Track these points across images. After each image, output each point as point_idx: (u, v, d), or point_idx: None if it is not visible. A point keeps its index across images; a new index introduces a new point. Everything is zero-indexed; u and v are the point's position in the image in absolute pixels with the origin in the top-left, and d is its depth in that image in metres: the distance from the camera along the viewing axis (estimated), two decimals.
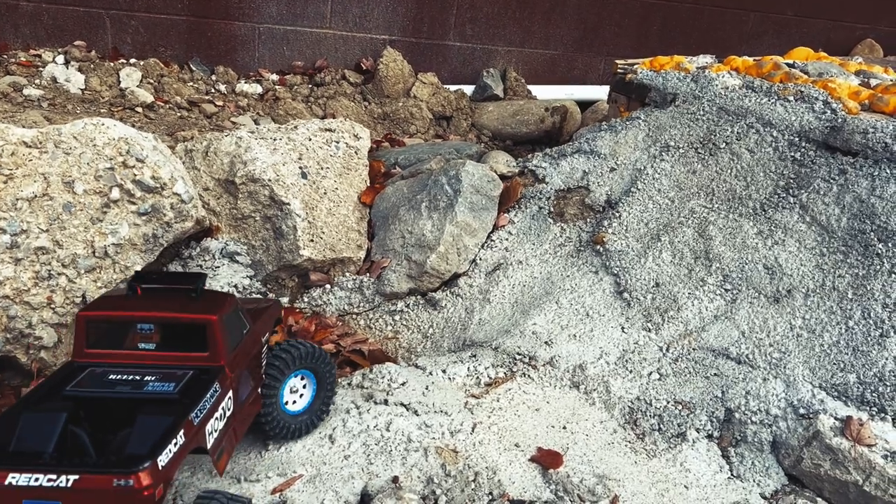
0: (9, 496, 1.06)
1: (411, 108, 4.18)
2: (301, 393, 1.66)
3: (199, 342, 1.35)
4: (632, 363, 2.08)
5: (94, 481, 1.06)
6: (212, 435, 1.28)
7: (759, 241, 2.27)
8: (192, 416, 1.21)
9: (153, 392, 1.27)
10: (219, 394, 1.32)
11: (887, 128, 2.30)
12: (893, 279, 2.04)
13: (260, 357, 1.54)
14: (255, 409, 1.53)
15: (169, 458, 1.13)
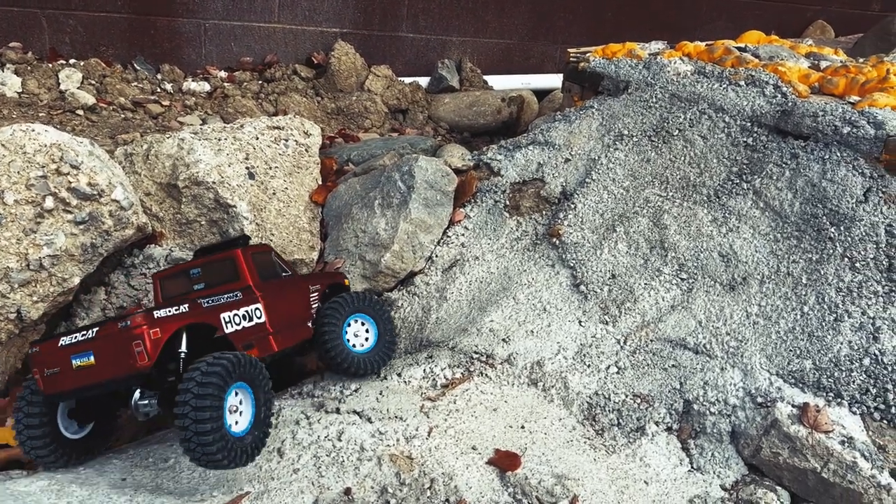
0: (61, 355, 1.47)
1: (365, 102, 4.10)
2: (366, 336, 1.94)
3: (233, 274, 1.72)
4: (590, 357, 2.05)
5: (107, 328, 1.43)
6: (229, 324, 1.61)
7: (713, 229, 2.25)
8: (200, 300, 1.57)
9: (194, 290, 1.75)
10: (239, 299, 1.66)
11: (837, 111, 2.30)
12: (846, 263, 2.04)
13: (308, 298, 1.91)
14: (301, 335, 1.85)
15: (166, 314, 1.46)
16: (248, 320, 1.66)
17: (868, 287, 1.99)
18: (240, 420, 1.45)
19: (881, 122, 2.19)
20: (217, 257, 1.76)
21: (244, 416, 1.47)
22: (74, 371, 1.44)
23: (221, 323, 1.57)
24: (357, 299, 1.93)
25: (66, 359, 1.46)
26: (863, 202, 2.11)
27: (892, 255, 2.02)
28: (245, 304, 1.67)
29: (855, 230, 2.07)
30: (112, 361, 1.41)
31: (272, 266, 1.84)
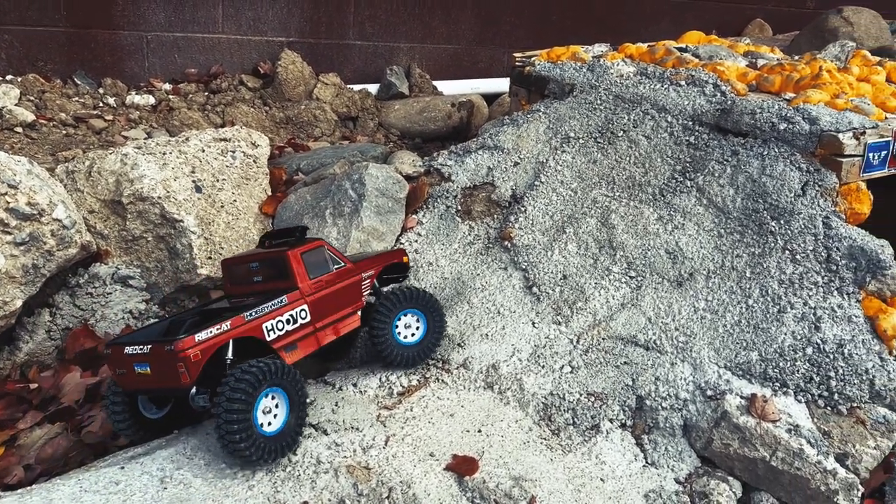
0: (127, 361, 1.63)
1: (314, 111, 4.07)
2: (415, 329, 2.03)
3: (283, 273, 1.83)
4: (544, 358, 2.07)
5: (157, 347, 1.58)
6: (272, 331, 1.73)
7: (660, 227, 2.30)
8: (244, 313, 1.68)
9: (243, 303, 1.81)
10: (285, 304, 1.78)
11: (773, 108, 2.36)
12: (787, 256, 2.10)
13: (359, 286, 1.99)
14: (348, 326, 1.96)
15: (207, 335, 1.59)
16: (293, 323, 1.79)
17: (809, 278, 2.06)
18: (273, 421, 1.62)
19: (815, 117, 2.26)
20: (271, 255, 1.87)
21: (278, 417, 1.64)
22: (137, 375, 1.63)
23: (264, 333, 1.71)
24: (411, 296, 2.02)
25: (130, 365, 1.64)
26: (801, 196, 2.17)
27: (829, 246, 2.09)
28: (291, 307, 1.79)
29: (794, 223, 2.13)
30: (164, 375, 1.58)
31: (323, 262, 1.92)
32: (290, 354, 1.78)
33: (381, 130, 4.32)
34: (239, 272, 1.94)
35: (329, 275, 1.92)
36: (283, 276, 1.83)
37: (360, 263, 2.02)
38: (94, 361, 2.16)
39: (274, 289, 1.83)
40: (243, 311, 1.69)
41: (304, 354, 1.82)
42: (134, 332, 1.84)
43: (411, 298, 2.01)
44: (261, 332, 1.70)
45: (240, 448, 1.54)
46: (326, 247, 1.93)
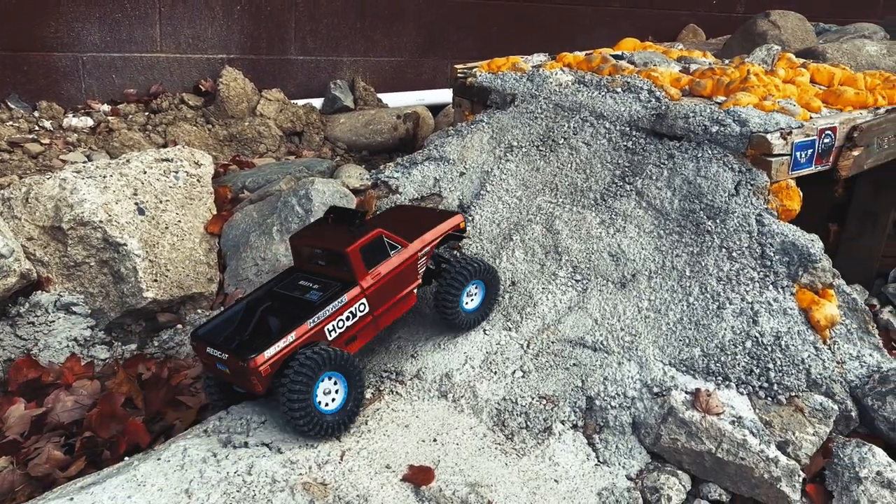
0: (208, 357, 1.78)
1: (258, 127, 4.05)
2: (473, 297, 2.16)
3: (344, 266, 1.90)
4: (496, 364, 2.10)
5: (232, 360, 1.72)
6: (333, 331, 1.84)
7: (602, 231, 2.36)
8: (307, 321, 1.77)
9: (307, 299, 1.87)
10: (345, 303, 1.86)
11: (705, 111, 2.45)
12: (724, 254, 2.17)
13: (416, 265, 2.05)
14: (407, 306, 2.06)
15: (275, 350, 1.71)
16: (353, 318, 1.89)
17: (745, 274, 2.14)
18: (332, 402, 1.78)
19: (745, 119, 2.35)
20: (332, 248, 1.92)
21: (337, 399, 1.80)
22: (218, 370, 1.80)
23: (326, 335, 1.83)
24: (477, 271, 2.14)
25: (212, 361, 1.79)
26: (734, 195, 2.26)
27: (763, 242, 2.17)
28: (351, 304, 1.87)
29: (729, 222, 2.22)
30: (240, 379, 1.75)
31: (382, 250, 1.96)
32: (350, 346, 1.91)
33: (327, 144, 4.32)
34: (305, 252, 2.03)
35: (387, 262, 1.97)
36: (344, 267, 1.91)
37: (415, 242, 2.05)
38: (38, 392, 2.11)
39: (336, 274, 1.93)
40: (306, 319, 1.78)
41: (365, 342, 1.97)
42: (214, 322, 1.90)
43: (478, 272, 2.14)
44: (323, 335, 1.82)
45: (300, 425, 1.72)
46: (384, 235, 1.96)
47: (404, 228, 2.08)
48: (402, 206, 2.45)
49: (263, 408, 1.89)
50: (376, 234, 1.94)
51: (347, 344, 1.89)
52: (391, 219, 2.24)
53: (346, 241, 1.90)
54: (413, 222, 2.15)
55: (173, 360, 2.33)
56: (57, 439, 1.95)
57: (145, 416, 2.07)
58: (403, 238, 2.02)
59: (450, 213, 2.22)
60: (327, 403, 1.78)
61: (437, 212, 2.28)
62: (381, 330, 2.00)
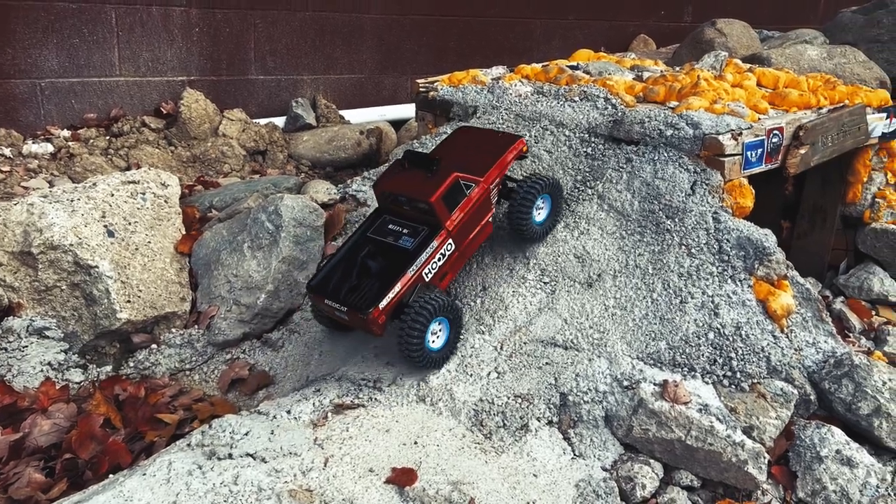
0: (327, 306, 2.08)
1: (221, 148, 4.06)
2: (542, 209, 2.35)
3: (429, 215, 2.09)
4: (471, 367, 2.15)
5: (353, 312, 2.00)
6: (429, 273, 2.09)
7: (567, 234, 2.44)
8: (408, 270, 2.03)
9: (401, 245, 2.10)
10: (436, 247, 2.09)
11: (660, 116, 2.56)
12: (684, 251, 2.27)
13: (490, 197, 2.23)
14: (485, 234, 2.28)
15: (388, 301, 1.99)
16: (443, 258, 2.12)
17: (704, 269, 2.23)
18: (437, 340, 2.08)
19: (697, 122, 2.47)
20: (417, 196, 2.09)
21: (441, 338, 2.10)
22: (337, 316, 2.10)
23: (424, 278, 2.08)
24: (545, 185, 2.31)
25: (331, 310, 2.08)
26: (691, 195, 2.36)
27: (720, 238, 2.28)
28: (440, 247, 2.10)
29: (688, 220, 2.32)
30: (360, 325, 2.06)
31: (460, 192, 2.12)
32: (443, 281, 2.16)
33: (291, 162, 4.35)
34: (389, 198, 2.20)
35: (465, 201, 2.14)
36: (429, 214, 2.09)
37: (489, 174, 2.20)
38: (14, 417, 2.09)
39: (422, 218, 2.13)
40: (407, 267, 2.03)
41: (455, 274, 2.23)
42: (323, 273, 2.14)
43: (545, 187, 2.31)
44: (422, 278, 2.07)
45: (414, 359, 2.03)
46: (460, 178, 2.11)
47: (473, 160, 2.23)
48: (464, 130, 2.48)
49: (245, 419, 1.91)
50: (453, 179, 2.09)
51: (441, 280, 2.15)
52: (459, 150, 2.34)
53: (429, 190, 2.06)
54: (480, 152, 2.29)
55: (150, 379, 2.33)
56: (36, 463, 1.95)
57: (125, 435, 2.07)
58: (475, 174, 2.17)
59: (512, 137, 2.35)
60: (433, 342, 2.07)
61: (499, 136, 2.39)
62: (467, 260, 2.27)
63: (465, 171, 2.14)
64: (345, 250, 2.18)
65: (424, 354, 2.04)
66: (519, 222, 2.29)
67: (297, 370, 2.34)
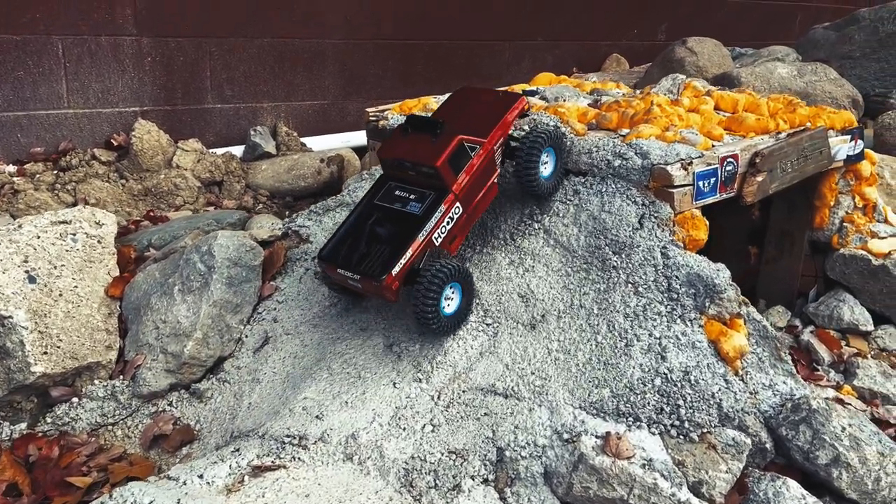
0: (340, 276, 2.10)
1: (175, 180, 3.94)
2: (547, 164, 2.32)
3: (436, 180, 2.09)
4: (405, 420, 2.01)
5: (366, 280, 2.02)
6: (438, 237, 2.10)
7: (511, 271, 2.31)
8: (418, 235, 2.04)
9: (410, 211, 2.11)
10: (444, 211, 2.09)
11: (608, 145, 2.44)
12: (630, 289, 2.14)
13: (494, 158, 2.23)
14: (491, 196, 2.27)
15: (400, 267, 2.01)
16: (452, 221, 2.12)
17: (652, 309, 2.10)
18: (450, 305, 2.12)
19: (646, 152, 2.35)
20: (423, 161, 2.09)
21: (454, 303, 2.13)
22: (351, 285, 2.13)
23: (434, 242, 2.09)
24: (547, 138, 2.27)
25: (344, 279, 2.11)
26: (638, 229, 2.24)
27: (669, 275, 2.15)
28: (448, 211, 2.10)
29: (635, 256, 2.19)
30: (374, 292, 2.07)
31: (464, 154, 2.12)
32: (453, 245, 2.17)
33: (249, 192, 4.23)
34: (394, 165, 2.20)
35: (470, 163, 2.14)
36: (435, 179, 2.09)
37: (493, 135, 2.20)
38: None
39: (428, 182, 2.12)
40: (417, 233, 2.04)
41: (464, 236, 2.23)
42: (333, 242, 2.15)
43: (547, 140, 2.28)
44: (433, 244, 2.09)
45: (429, 325, 2.05)
46: (464, 140, 2.11)
47: (475, 122, 2.22)
48: (465, 91, 2.46)
49: (149, 487, 1.76)
50: (457, 142, 2.09)
51: (451, 243, 2.16)
52: (461, 111, 2.32)
53: (434, 155, 2.06)
54: (482, 112, 2.27)
55: (67, 436, 2.19)
56: None
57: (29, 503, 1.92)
58: (479, 135, 2.16)
59: (513, 96, 2.35)
60: (447, 307, 2.10)
61: (500, 97, 2.39)
62: (476, 221, 2.27)
63: (468, 133, 2.14)
64: (353, 219, 2.19)
65: (440, 320, 2.07)
66: (528, 181, 2.26)
67: (224, 424, 2.19)
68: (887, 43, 4.79)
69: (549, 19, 5.76)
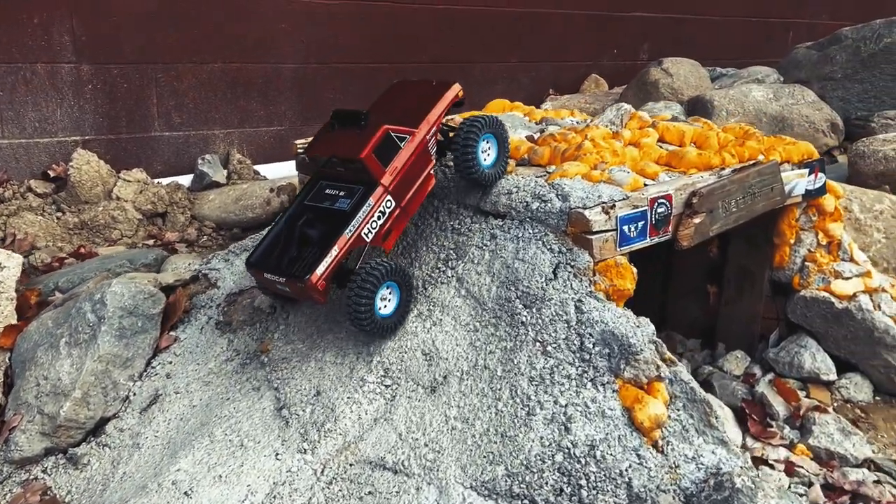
0: (268, 280, 2.02)
1: (113, 212, 3.77)
2: (488, 152, 2.21)
3: (363, 173, 2.00)
4: (280, 499, 1.81)
5: (291, 282, 1.94)
6: (369, 233, 2.00)
7: (418, 325, 2.11)
8: (345, 231, 1.94)
9: (338, 207, 2.01)
10: (373, 205, 2.00)
11: (529, 185, 2.24)
12: (538, 349, 1.93)
13: (427, 148, 2.13)
14: (427, 188, 2.17)
15: (325, 266, 1.91)
16: (384, 216, 2.03)
17: (561, 372, 1.89)
18: (387, 306, 2.04)
19: (567, 193, 2.14)
20: (347, 155, 2.01)
21: (391, 303, 2.06)
22: (279, 290, 2.04)
23: (364, 238, 2.00)
24: (482, 125, 2.18)
25: (272, 284, 2.02)
26: (552, 280, 2.03)
27: (582, 332, 1.94)
28: (378, 205, 2.02)
29: (546, 311, 1.98)
30: (302, 295, 1.98)
31: (392, 145, 2.04)
32: (387, 241, 2.08)
33: (194, 224, 4.05)
34: (322, 162, 2.13)
35: (400, 154, 2.05)
36: (363, 173, 2.01)
37: (423, 124, 2.11)
38: None
39: (357, 178, 2.04)
40: (343, 229, 1.95)
41: (400, 232, 2.13)
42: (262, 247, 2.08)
43: (484, 126, 2.18)
44: (362, 240, 2.00)
45: (364, 326, 1.97)
46: (391, 130, 2.03)
47: (407, 112, 2.14)
48: (399, 84, 2.42)
49: None
50: (383, 132, 2.01)
51: (384, 240, 2.07)
52: (391, 103, 2.27)
53: (358, 147, 1.98)
54: (412, 103, 2.20)
55: None
56: None
57: None
58: (409, 125, 2.08)
59: (445, 84, 2.26)
60: (384, 308, 2.03)
61: (433, 85, 2.31)
62: (412, 216, 2.17)
63: (396, 123, 2.06)
64: (283, 221, 2.13)
65: (375, 322, 2.00)
66: (468, 170, 2.16)
67: (94, 496, 2.00)
68: (869, 64, 4.56)
69: (523, 38, 5.58)
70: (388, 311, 2.05)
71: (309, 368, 2.11)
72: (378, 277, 1.98)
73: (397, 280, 2.06)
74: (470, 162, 2.15)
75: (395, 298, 2.07)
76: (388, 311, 2.06)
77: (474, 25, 5.26)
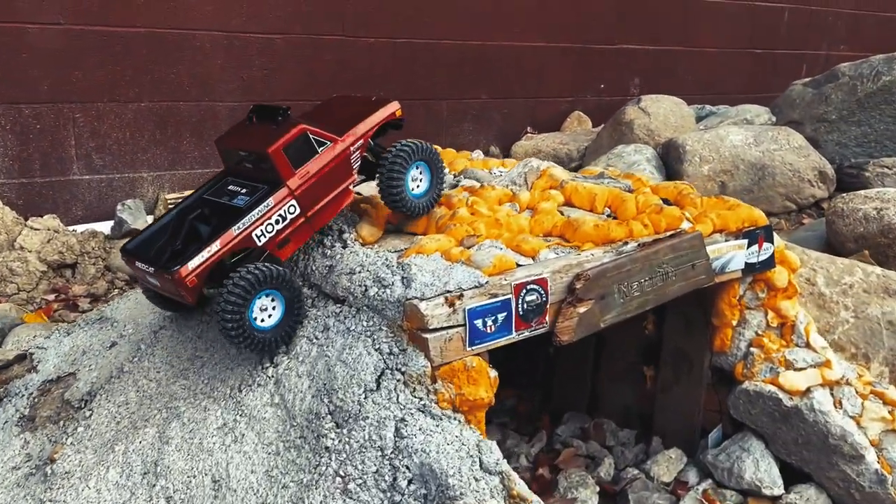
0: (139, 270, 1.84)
1: (12, 264, 3.47)
2: (420, 181, 2.03)
3: (269, 168, 1.82)
4: None
5: (159, 273, 1.76)
6: (261, 236, 1.81)
7: (217, 440, 1.71)
8: (232, 228, 1.75)
9: (235, 204, 1.86)
10: (272, 206, 1.81)
11: (375, 264, 1.84)
12: (337, 486, 1.51)
13: (348, 160, 1.94)
14: (341, 203, 1.95)
15: (200, 261, 1.71)
16: (283, 221, 1.84)
17: None
18: (268, 318, 1.77)
19: (412, 277, 1.73)
20: (255, 148, 1.84)
21: (274, 316, 1.79)
22: (150, 282, 1.85)
23: (254, 240, 1.79)
24: (418, 150, 2.01)
25: (143, 274, 1.83)
26: (373, 391, 1.62)
27: (397, 465, 1.52)
28: (278, 207, 1.82)
29: (357, 434, 1.56)
30: (171, 291, 1.77)
31: (308, 148, 1.87)
32: (283, 250, 1.87)
33: (105, 276, 3.73)
34: (230, 156, 1.96)
35: (315, 159, 1.88)
36: (269, 172, 1.82)
37: (348, 134, 1.94)
38: None
39: (263, 176, 1.87)
40: (232, 225, 1.74)
41: (300, 245, 1.93)
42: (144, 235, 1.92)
43: (417, 152, 2.01)
44: (252, 241, 1.79)
45: (234, 340, 1.71)
46: (309, 131, 1.86)
47: (335, 122, 1.98)
48: (340, 97, 2.31)
49: None
50: (299, 130, 1.84)
51: (280, 248, 1.86)
52: (323, 112, 2.15)
53: (268, 140, 1.81)
54: (346, 114, 2.05)
55: None
56: None
57: None
58: (333, 133, 1.91)
59: (384, 101, 2.10)
60: (263, 320, 1.78)
61: (371, 101, 2.14)
62: (316, 230, 1.95)
63: (319, 128, 1.88)
64: (174, 213, 1.96)
65: (247, 333, 1.73)
66: (392, 196, 1.97)
67: None
68: (867, 104, 4.07)
69: (495, 72, 5.20)
70: (268, 325, 1.79)
71: (86, 489, 1.73)
72: (254, 282, 1.72)
73: (281, 289, 1.79)
74: (395, 189, 1.95)
75: (278, 310, 1.81)
76: (269, 324, 1.79)
77: (437, 59, 4.90)
